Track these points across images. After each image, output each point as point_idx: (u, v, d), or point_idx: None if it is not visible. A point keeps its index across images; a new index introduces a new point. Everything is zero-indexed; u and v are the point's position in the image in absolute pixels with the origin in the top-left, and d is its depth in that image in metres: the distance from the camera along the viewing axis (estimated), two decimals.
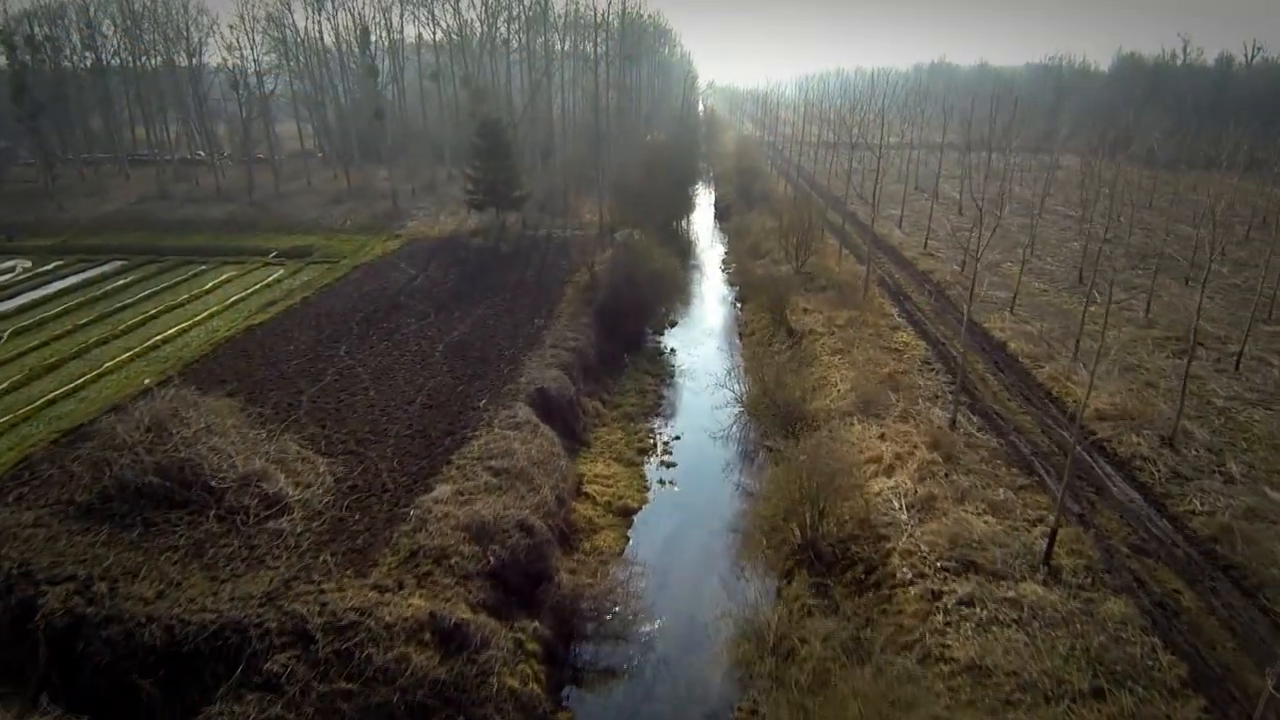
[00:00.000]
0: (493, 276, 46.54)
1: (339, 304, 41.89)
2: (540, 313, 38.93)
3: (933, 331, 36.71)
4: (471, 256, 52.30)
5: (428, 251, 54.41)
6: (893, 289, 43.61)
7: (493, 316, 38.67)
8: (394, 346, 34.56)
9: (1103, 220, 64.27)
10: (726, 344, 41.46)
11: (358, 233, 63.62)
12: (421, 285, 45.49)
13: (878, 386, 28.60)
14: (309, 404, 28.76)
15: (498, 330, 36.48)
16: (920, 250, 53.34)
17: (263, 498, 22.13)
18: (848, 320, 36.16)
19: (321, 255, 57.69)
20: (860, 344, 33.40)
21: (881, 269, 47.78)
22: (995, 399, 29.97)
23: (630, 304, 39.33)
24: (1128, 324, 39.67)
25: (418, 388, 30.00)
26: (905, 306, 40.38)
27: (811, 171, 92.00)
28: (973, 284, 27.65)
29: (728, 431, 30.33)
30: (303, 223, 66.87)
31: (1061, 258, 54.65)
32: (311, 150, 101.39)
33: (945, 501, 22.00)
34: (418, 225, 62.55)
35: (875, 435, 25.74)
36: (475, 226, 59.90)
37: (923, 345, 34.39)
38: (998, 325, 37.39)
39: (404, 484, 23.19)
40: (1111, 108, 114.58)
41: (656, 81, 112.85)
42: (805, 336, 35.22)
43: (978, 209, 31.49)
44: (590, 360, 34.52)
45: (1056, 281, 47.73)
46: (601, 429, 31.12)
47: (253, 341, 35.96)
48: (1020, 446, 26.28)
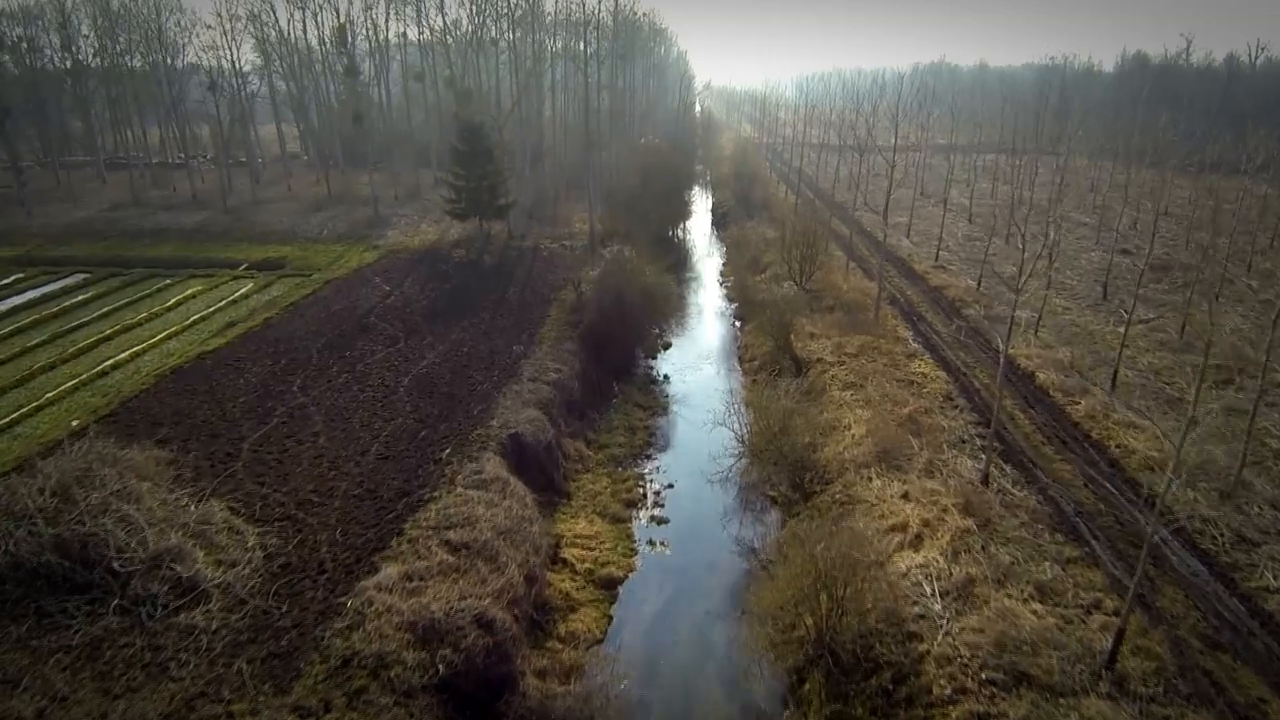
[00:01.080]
0: (472, 294, 43.05)
1: (302, 326, 38.40)
2: (521, 337, 35.43)
3: (952, 359, 33.26)
4: (452, 270, 48.79)
5: (406, 264, 50.92)
6: (905, 308, 40.14)
7: (468, 341, 35.18)
8: (355, 380, 31.04)
9: (1121, 227, 61.04)
10: (725, 369, 37.98)
11: (335, 242, 60.15)
12: (395, 304, 41.99)
13: (897, 431, 25.13)
14: (249, 454, 25.25)
15: (472, 359, 32.98)
16: (931, 263, 49.91)
17: (175, 583, 18.65)
18: (859, 348, 32.69)
19: (295, 268, 54.19)
20: (874, 376, 29.92)
21: (892, 284, 44.35)
22: (1028, 442, 26.52)
23: (620, 326, 35.86)
24: (1161, 348, 36.26)
25: (375, 433, 26.48)
26: (920, 329, 36.92)
27: (813, 176, 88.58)
28: (1010, 323, 24.02)
29: (727, 478, 26.89)
30: (278, 232, 63.37)
31: (1081, 270, 51.23)
32: (297, 153, 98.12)
33: (985, 584, 18.54)
34: (398, 235, 59.03)
35: (897, 494, 22.27)
36: (458, 237, 56.42)
37: (943, 376, 30.93)
38: (1023, 351, 33.96)
39: (345, 562, 19.69)
40: (1118, 109, 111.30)
41: (652, 82, 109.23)
42: (813, 367, 31.74)
43: (1020, 236, 27.77)
44: (574, 394, 31.04)
45: (1079, 298, 44.27)
46: (584, 476, 27.63)
47: (200, 373, 32.42)
48: (1062, 504, 22.84)
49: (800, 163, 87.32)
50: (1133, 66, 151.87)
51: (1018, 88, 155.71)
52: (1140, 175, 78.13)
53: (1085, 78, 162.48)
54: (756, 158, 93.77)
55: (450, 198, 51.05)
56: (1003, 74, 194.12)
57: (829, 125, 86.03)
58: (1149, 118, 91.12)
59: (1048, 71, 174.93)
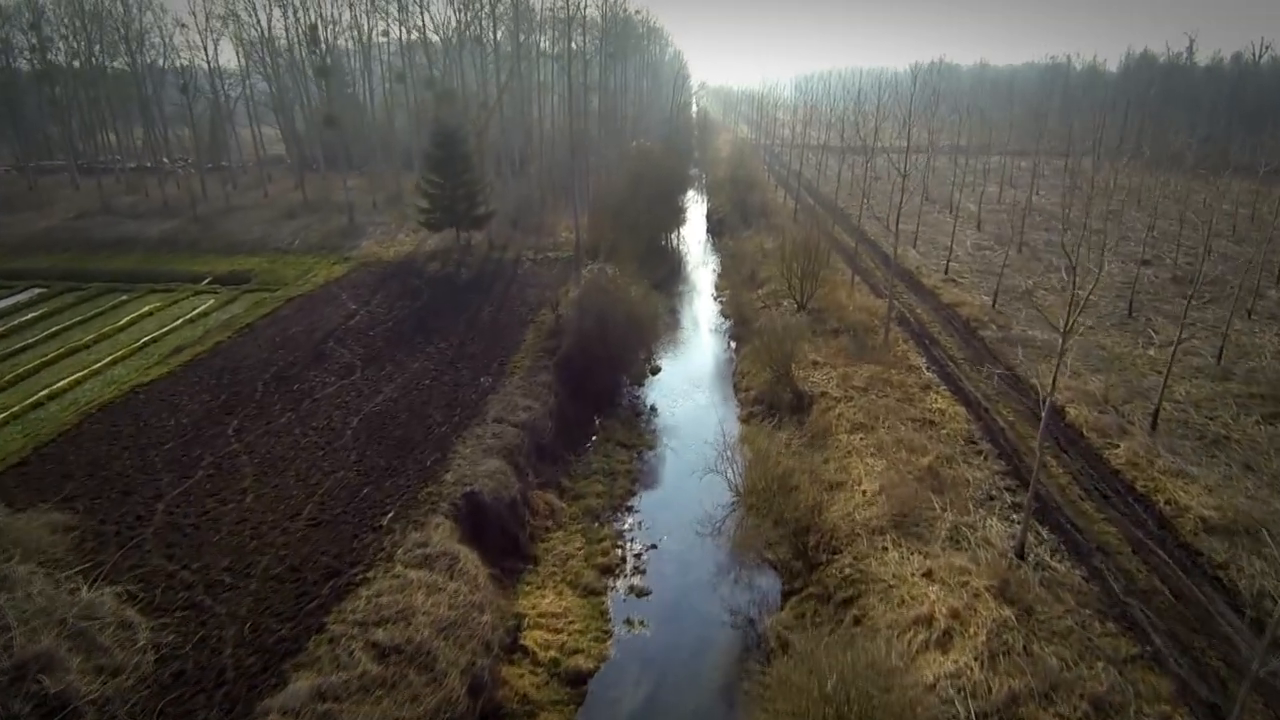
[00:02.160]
0: (444, 313, 39.54)
1: (253, 353, 34.93)
2: (491, 366, 31.91)
3: (971, 391, 29.74)
4: (424, 286, 45.28)
5: (376, 279, 47.42)
6: (916, 329, 36.62)
7: (432, 372, 31.66)
8: (299, 420, 27.51)
9: (1138, 234, 57.54)
10: (720, 397, 34.45)
11: (307, 253, 56.68)
12: (358, 325, 38.49)
13: (915, 487, 21.65)
14: (163, 517, 21.74)
15: (433, 394, 29.46)
16: (941, 276, 46.41)
17: (40, 701, 15.15)
18: (868, 379, 29.16)
19: (261, 282, 50.80)
20: (886, 415, 26.39)
21: (900, 301, 40.83)
22: (1064, 496, 23.02)
23: (601, 353, 32.36)
24: (1198, 375, 32.78)
25: (311, 489, 22.96)
26: (933, 354, 33.40)
27: (813, 179, 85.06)
28: (1055, 373, 20.43)
29: (719, 533, 23.37)
30: (247, 242, 59.89)
31: (1101, 284, 47.60)
32: (280, 156, 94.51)
33: (1031, 701, 15.06)
34: (372, 246, 55.49)
35: (919, 571, 18.76)
36: (435, 247, 52.94)
37: (962, 413, 27.39)
38: (1048, 378, 30.43)
39: (250, 670, 16.17)
40: (1126, 109, 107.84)
41: (645, 82, 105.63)
42: (816, 402, 28.19)
43: (1069, 266, 24.38)
44: (546, 435, 27.51)
45: (1103, 315, 40.71)
46: (555, 535, 24.11)
47: (130, 411, 28.92)
48: (1111, 581, 19.34)
49: (800, 165, 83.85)
50: (1139, 66, 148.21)
51: (1021, 88, 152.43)
52: (1152, 178, 74.67)
53: (1090, 77, 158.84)
54: (753, 161, 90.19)
55: (424, 207, 47.54)
56: (1003, 74, 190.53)
57: (829, 126, 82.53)
58: (1158, 118, 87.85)
59: (1051, 71, 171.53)
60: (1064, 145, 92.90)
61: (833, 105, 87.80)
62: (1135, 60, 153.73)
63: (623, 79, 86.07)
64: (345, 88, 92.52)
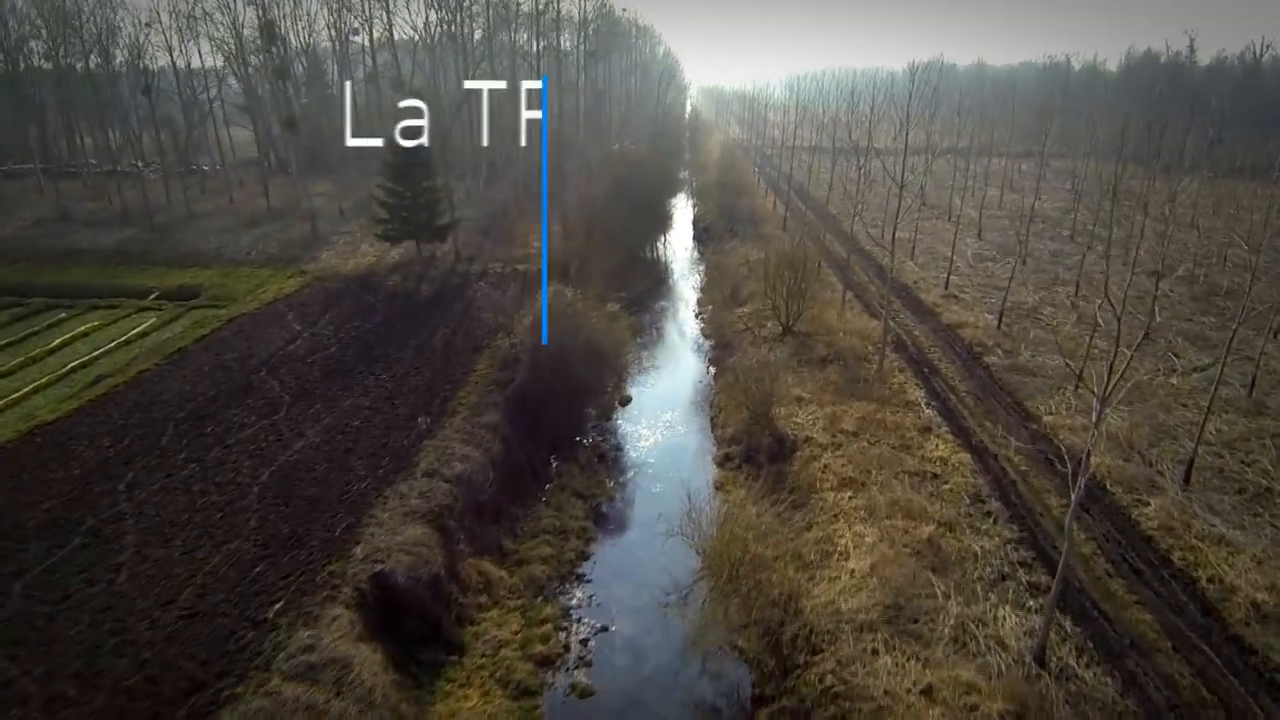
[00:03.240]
0: (394, 336, 35.92)
1: (176, 384, 31.30)
2: (433, 403, 28.26)
3: (977, 432, 26.14)
4: (380, 304, 41.64)
5: (329, 295, 43.79)
6: (914, 356, 33.00)
7: (365, 409, 28.02)
8: (202, 473, 23.86)
9: (1147, 241, 53.95)
10: (696, 432, 30.82)
11: (264, 265, 53.08)
12: (299, 350, 34.86)
13: (913, 565, 18.08)
14: (19, 602, 18.12)
15: (361, 438, 25.81)
16: (941, 291, 42.83)
17: None
18: (859, 421, 25.54)
19: (210, 297, 47.23)
20: (880, 467, 22.79)
21: (897, 321, 37.26)
22: (1088, 571, 19.44)
23: (561, 386, 28.76)
24: (1228, 408, 29.17)
25: (195, 567, 19.32)
26: (933, 386, 29.78)
27: (804, 182, 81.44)
28: (1089, 449, 16.71)
29: (682, 610, 19.81)
30: (203, 253, 56.22)
31: (1112, 298, 44.03)
32: (255, 160, 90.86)
33: None
34: (332, 257, 51.85)
35: (916, 686, 15.16)
36: (398, 260, 49.29)
37: (967, 462, 23.79)
38: (1065, 419, 26.90)
39: None
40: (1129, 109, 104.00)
41: (634, 82, 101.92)
42: (799, 449, 24.55)
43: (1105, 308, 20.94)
44: (486, 489, 23.88)
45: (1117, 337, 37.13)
46: (489, 614, 20.48)
47: (19, 459, 25.24)
48: (1152, 693, 15.76)
49: (791, 167, 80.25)
50: (1140, 65, 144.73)
51: (1019, 87, 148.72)
52: (1158, 181, 71.12)
53: (1090, 77, 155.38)
54: (743, 164, 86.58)
55: (381, 218, 43.87)
56: (1002, 73, 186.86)
57: (821, 127, 78.90)
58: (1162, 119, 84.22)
59: (1050, 70, 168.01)
60: (1066, 147, 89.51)
61: (825, 105, 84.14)
62: (1137, 60, 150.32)
63: (607, 78, 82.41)
64: (325, 89, 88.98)
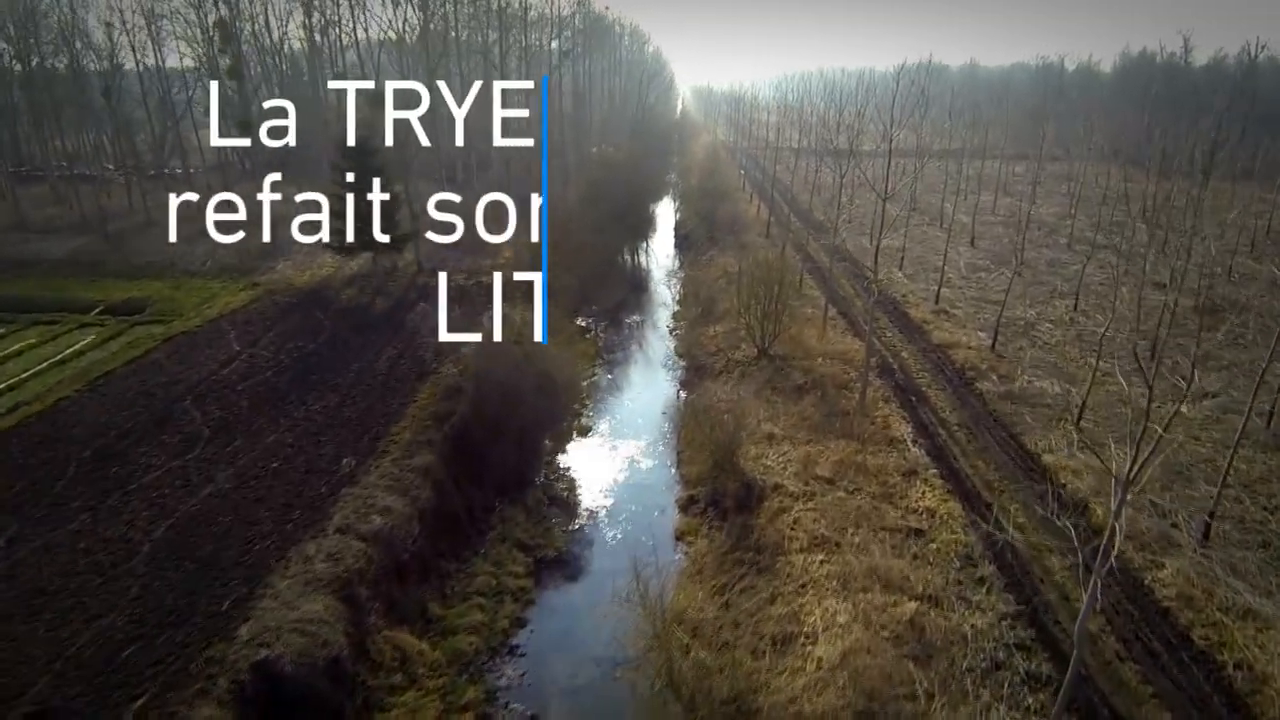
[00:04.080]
0: (337, 358, 33.03)
1: (91, 415, 28.40)
2: (363, 439, 25.35)
3: (969, 475, 23.37)
4: (329, 321, 38.74)
5: (278, 311, 40.91)
6: (900, 381, 30.21)
7: (288, 448, 25.11)
8: (94, 524, 20.95)
9: (1145, 249, 51.31)
10: (659, 468, 27.95)
11: (217, 276, 50.14)
12: (231, 375, 31.94)
13: (891, 656, 15.27)
14: None
15: (276, 485, 22.91)
16: (931, 306, 40.10)
17: None
18: (837, 464, 22.74)
19: (156, 312, 44.22)
20: (857, 523, 20.00)
21: (883, 340, 34.53)
22: (1099, 655, 16.59)
23: (509, 420, 25.88)
24: (1244, 441, 26.39)
25: (56, 650, 16.40)
26: (921, 418, 27.00)
27: (789, 184, 78.74)
28: (1106, 538, 13.83)
29: (629, 687, 17.05)
30: (155, 263, 53.18)
31: (1115, 315, 41.33)
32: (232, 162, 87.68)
33: None
34: (288, 268, 48.89)
35: None
36: (356, 271, 46.38)
37: (958, 513, 21.00)
38: (1066, 461, 24.12)
39: None
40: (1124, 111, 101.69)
41: (618, 82, 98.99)
42: (768, 498, 21.72)
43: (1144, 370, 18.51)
44: (410, 545, 21.01)
45: (1120, 357, 34.36)
46: (404, 697, 17.59)
47: None
48: None
49: (776, 169, 77.53)
50: (1136, 66, 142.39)
51: (1014, 88, 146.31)
52: (1156, 185, 68.58)
53: (1084, 77, 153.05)
54: (727, 167, 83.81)
55: (334, 226, 40.74)
56: (995, 74, 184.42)
57: (805, 129, 76.24)
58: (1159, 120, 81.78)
59: (1044, 71, 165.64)
60: (1061, 149, 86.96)
61: (812, 106, 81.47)
62: (1132, 60, 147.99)
63: (587, 78, 79.51)
64: (305, 90, 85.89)
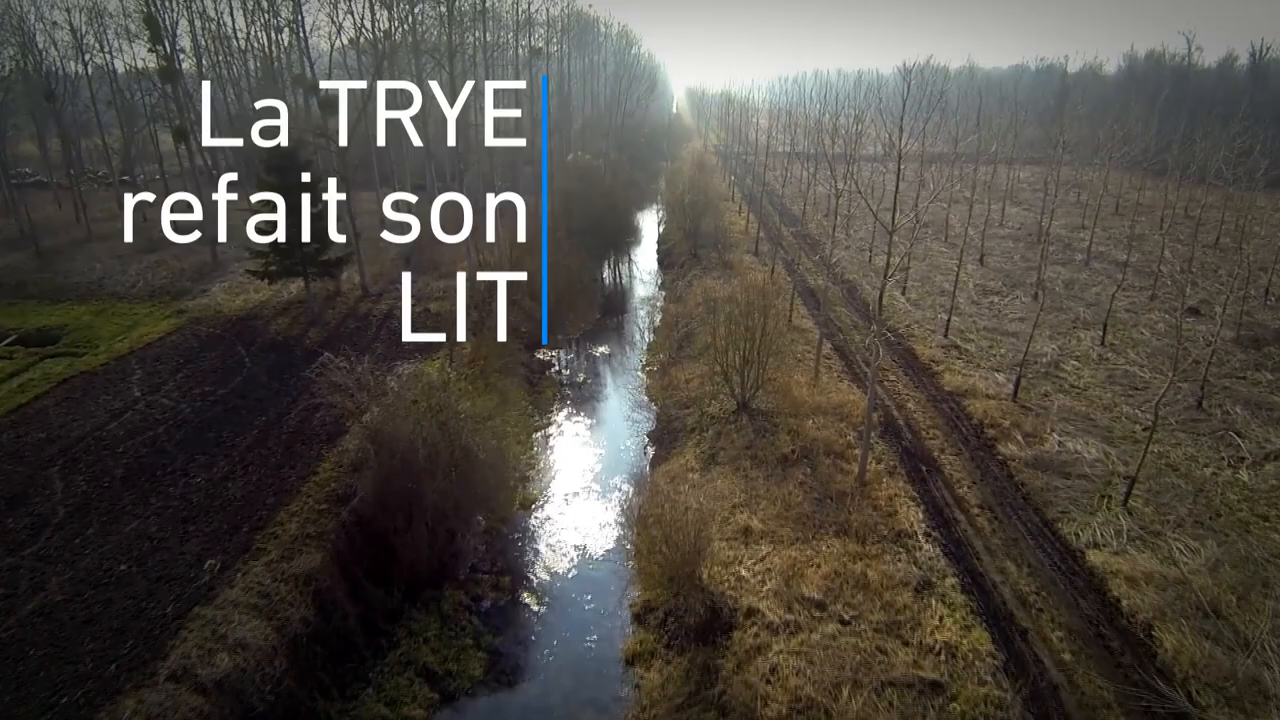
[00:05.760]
0: (243, 411, 28.07)
1: None
2: (240, 530, 20.33)
3: (996, 584, 18.42)
4: (251, 358, 33.78)
5: (200, 344, 35.97)
6: (908, 444, 25.20)
7: (149, 541, 20.11)
8: None
9: (1170, 267, 46.49)
10: (614, 557, 22.88)
11: (147, 299, 45.31)
12: (119, 430, 26.99)
13: None
14: None
15: (116, 597, 17.92)
16: (940, 340, 35.17)
17: None
18: (829, 576, 17.69)
19: (70, 342, 39.40)
20: (853, 677, 14.96)
21: (886, 386, 29.61)
22: None
23: (422, 500, 20.84)
24: None
25: None
26: (934, 498, 22.03)
27: (781, 192, 73.95)
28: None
29: None
30: (83, 284, 48.33)
31: (1146, 346, 36.52)
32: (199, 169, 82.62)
33: None
34: (221, 293, 43.87)
35: None
36: (295, 296, 41.29)
37: (985, 649, 16.02)
38: (1115, 558, 19.19)
39: None
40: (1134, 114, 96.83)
41: (602, 84, 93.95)
42: (739, 628, 16.71)
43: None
44: (272, 690, 16.01)
45: (1165, 404, 29.44)
46: None
47: None
48: None
49: (769, 176, 72.63)
50: (1144, 67, 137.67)
51: (1019, 90, 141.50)
52: (1174, 194, 63.80)
53: (1089, 80, 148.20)
54: (715, 175, 78.86)
55: (258, 249, 35.93)
56: (998, 75, 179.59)
57: (800, 133, 71.41)
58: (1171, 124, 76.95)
59: (1045, 73, 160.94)
60: (1070, 155, 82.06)
61: (807, 110, 76.68)
62: (1139, 62, 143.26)
63: (566, 80, 74.56)
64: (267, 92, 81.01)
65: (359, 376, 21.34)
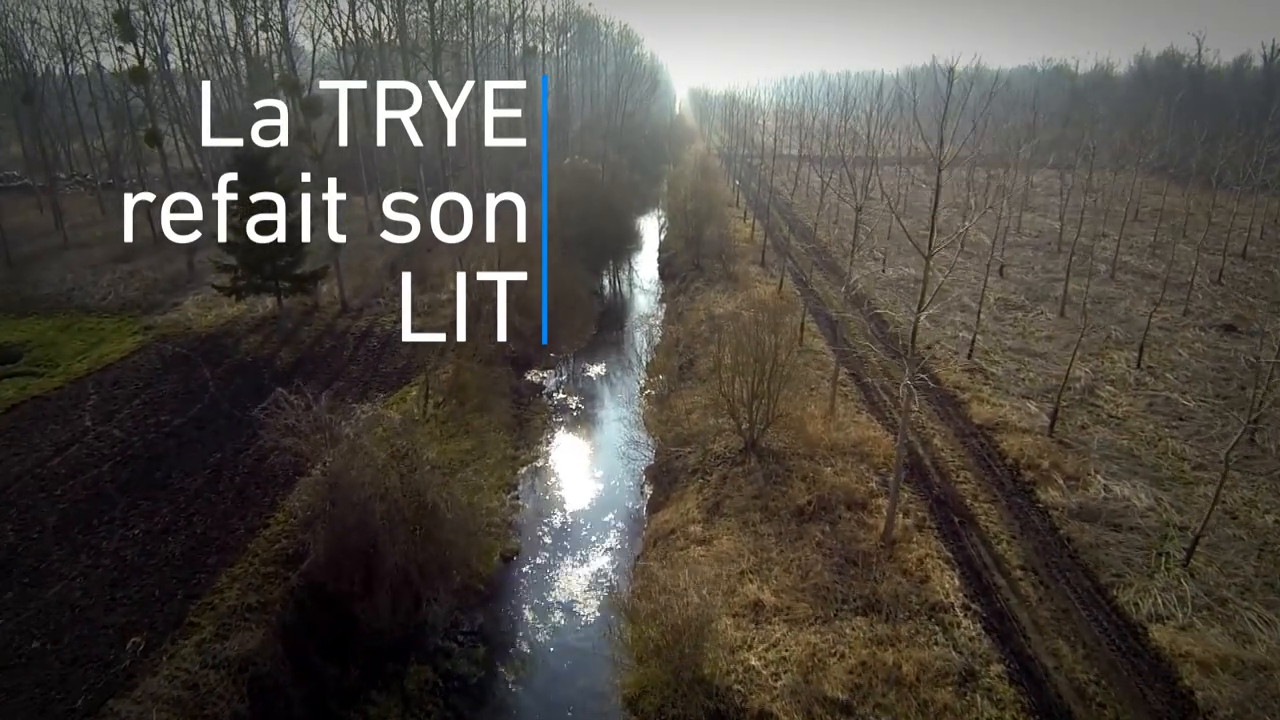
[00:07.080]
0: (199, 445, 25.50)
1: None
2: (174, 598, 17.70)
3: (1049, 672, 15.70)
4: (215, 381, 31.21)
5: (163, 365, 33.41)
6: (938, 488, 22.43)
7: (71, 610, 17.50)
8: None
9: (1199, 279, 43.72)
10: (603, 623, 20.13)
11: (117, 312, 42.81)
12: (60, 468, 24.43)
13: None
14: None
15: (27, 681, 15.32)
16: (964, 362, 32.45)
17: None
18: (856, 669, 14.93)
19: (31, 361, 37.04)
20: None
21: (910, 419, 26.83)
22: None
23: (383, 562, 18.15)
24: None
25: None
26: (971, 557, 19.28)
27: (789, 198, 71.28)
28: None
29: None
30: (51, 296, 45.83)
31: (1186, 369, 33.64)
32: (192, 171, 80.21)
33: None
34: (192, 307, 41.18)
35: None
36: (267, 313, 38.58)
37: None
38: (1179, 635, 16.49)
39: None
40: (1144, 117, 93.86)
41: (604, 85, 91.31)
42: None
43: None
44: None
45: (1211, 438, 26.70)
46: None
47: None
48: None
49: (775, 180, 69.90)
50: (1157, 68, 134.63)
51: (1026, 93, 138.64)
52: (1194, 200, 61.00)
53: (1101, 81, 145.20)
54: (719, 179, 76.17)
55: (226, 264, 33.29)
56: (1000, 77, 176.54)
57: (810, 136, 68.66)
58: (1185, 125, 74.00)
59: (1053, 74, 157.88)
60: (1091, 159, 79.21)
61: (815, 112, 73.94)
62: (1152, 63, 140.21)
63: (564, 81, 71.94)
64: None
65: (315, 416, 18.61)
